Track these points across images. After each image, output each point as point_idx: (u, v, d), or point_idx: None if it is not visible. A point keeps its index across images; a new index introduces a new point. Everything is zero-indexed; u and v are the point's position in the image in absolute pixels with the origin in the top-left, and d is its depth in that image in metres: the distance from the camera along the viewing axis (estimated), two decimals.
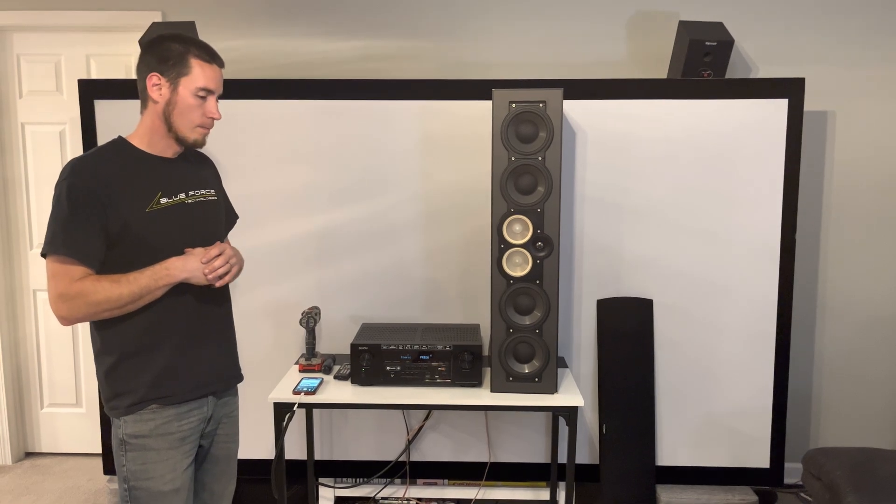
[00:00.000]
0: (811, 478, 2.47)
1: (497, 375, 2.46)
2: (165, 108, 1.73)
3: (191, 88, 1.73)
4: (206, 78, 1.75)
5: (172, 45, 1.73)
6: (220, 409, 1.92)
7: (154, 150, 1.78)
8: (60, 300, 1.63)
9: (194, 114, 1.75)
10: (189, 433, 1.80)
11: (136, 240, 1.70)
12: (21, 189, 3.48)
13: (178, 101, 1.73)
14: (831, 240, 3.23)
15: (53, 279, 1.64)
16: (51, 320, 3.52)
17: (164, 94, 1.73)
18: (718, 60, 2.86)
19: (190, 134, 1.77)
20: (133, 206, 1.70)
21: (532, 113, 2.35)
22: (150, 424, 1.74)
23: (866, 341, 3.26)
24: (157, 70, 1.72)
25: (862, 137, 3.17)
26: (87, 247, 1.64)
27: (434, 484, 3.04)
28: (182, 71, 1.72)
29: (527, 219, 2.40)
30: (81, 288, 1.62)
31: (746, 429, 2.94)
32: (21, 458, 3.61)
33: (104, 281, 1.65)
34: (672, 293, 2.91)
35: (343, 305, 2.95)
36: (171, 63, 1.71)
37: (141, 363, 1.74)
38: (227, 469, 1.98)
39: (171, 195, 1.77)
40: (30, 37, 3.39)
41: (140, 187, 1.73)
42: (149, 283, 1.68)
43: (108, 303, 1.64)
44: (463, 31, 3.21)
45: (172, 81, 1.72)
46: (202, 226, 1.85)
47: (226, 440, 1.95)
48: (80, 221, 1.63)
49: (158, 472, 1.75)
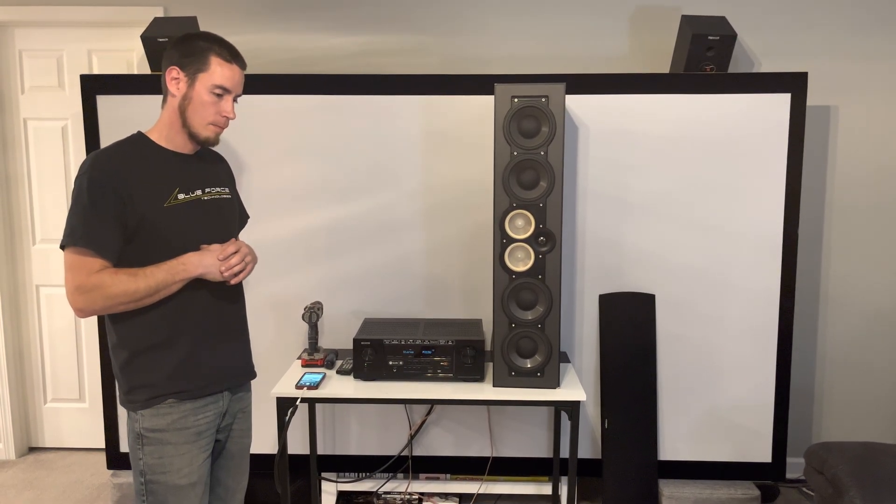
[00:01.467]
0: (813, 472, 2.47)
1: (499, 370, 2.46)
2: (181, 103, 1.76)
3: (207, 85, 1.75)
4: (224, 76, 1.76)
5: (197, 42, 1.76)
6: (235, 404, 1.93)
7: (172, 145, 1.80)
8: (78, 292, 1.65)
9: (208, 111, 1.77)
10: (206, 427, 1.82)
11: (152, 234, 1.71)
12: (23, 185, 3.48)
13: (194, 96, 1.75)
14: (834, 234, 3.22)
15: (71, 271, 1.65)
16: (54, 315, 3.53)
17: (181, 89, 1.75)
18: (721, 55, 2.85)
19: (202, 131, 1.79)
20: (151, 201, 1.71)
21: (534, 108, 2.35)
22: (168, 419, 1.75)
23: (869, 336, 3.26)
24: (178, 64, 1.75)
25: (864, 132, 3.17)
26: (106, 240, 1.65)
27: (436, 478, 3.04)
28: (201, 67, 1.74)
29: (529, 214, 2.40)
30: (99, 280, 1.64)
31: (749, 423, 2.94)
32: (25, 453, 3.62)
33: (121, 274, 1.66)
34: (674, 288, 2.91)
35: (345, 300, 2.96)
36: (191, 58, 1.74)
37: (158, 357, 1.76)
38: (241, 464, 2.00)
39: (188, 191, 1.79)
40: (32, 32, 3.39)
41: (158, 182, 1.74)
42: (165, 277, 1.69)
43: (124, 296, 1.65)
44: (465, 26, 3.20)
45: (190, 76, 1.75)
46: (217, 223, 1.87)
47: (240, 435, 1.97)
48: (100, 214, 1.64)
49: (175, 466, 1.76)
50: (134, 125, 1.87)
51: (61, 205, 3.46)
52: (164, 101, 1.80)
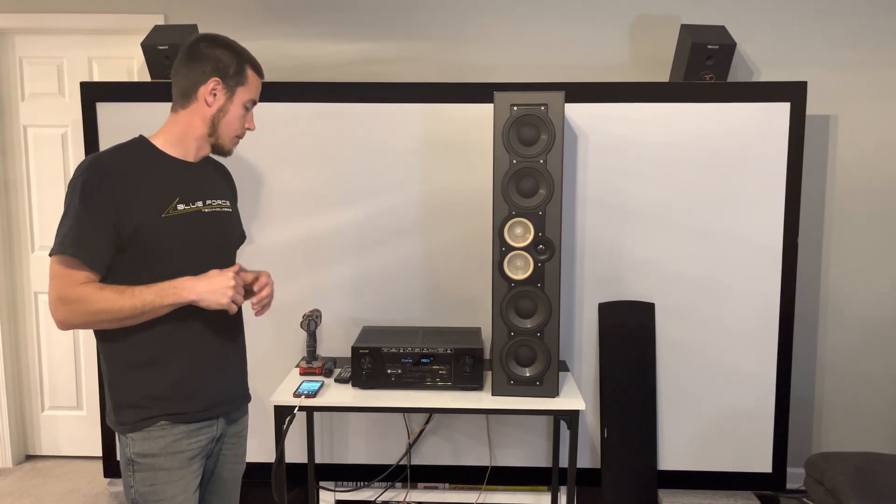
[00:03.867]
0: (814, 483, 2.46)
1: (498, 379, 2.45)
2: (216, 115, 1.72)
3: (244, 99, 1.75)
4: (257, 90, 1.77)
5: (236, 53, 1.73)
6: (230, 427, 1.85)
7: (176, 152, 1.73)
8: (59, 303, 1.57)
9: (239, 124, 1.77)
10: (198, 452, 1.73)
11: (146, 245, 1.63)
12: (23, 191, 3.48)
13: (231, 109, 1.73)
14: (833, 243, 3.22)
15: (55, 280, 1.57)
16: (52, 323, 3.49)
17: (219, 101, 1.72)
18: (720, 64, 2.86)
19: (229, 143, 1.78)
20: (148, 210, 1.63)
21: (534, 116, 2.35)
22: (160, 442, 1.67)
23: (869, 345, 3.25)
24: (219, 76, 1.70)
25: (864, 141, 3.17)
26: (96, 249, 1.58)
27: (435, 488, 3.03)
28: (241, 80, 1.73)
29: (528, 222, 2.40)
30: (82, 293, 1.56)
31: (749, 433, 2.93)
32: (21, 461, 3.60)
33: (107, 290, 1.57)
34: (674, 296, 2.90)
35: (344, 308, 2.95)
36: (231, 71, 1.71)
37: (149, 376, 1.67)
38: (233, 491, 1.92)
39: (188, 202, 1.71)
40: (32, 39, 3.40)
41: (158, 190, 1.66)
42: (153, 299, 1.59)
43: (107, 313, 1.57)
44: (465, 34, 3.21)
45: (231, 89, 1.72)
46: (215, 237, 1.78)
47: (234, 461, 1.88)
48: (92, 221, 1.57)
49: (169, 494, 1.67)
50: (134, 132, 1.82)
51: (60, 212, 3.44)
52: (179, 107, 1.73)
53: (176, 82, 1.73)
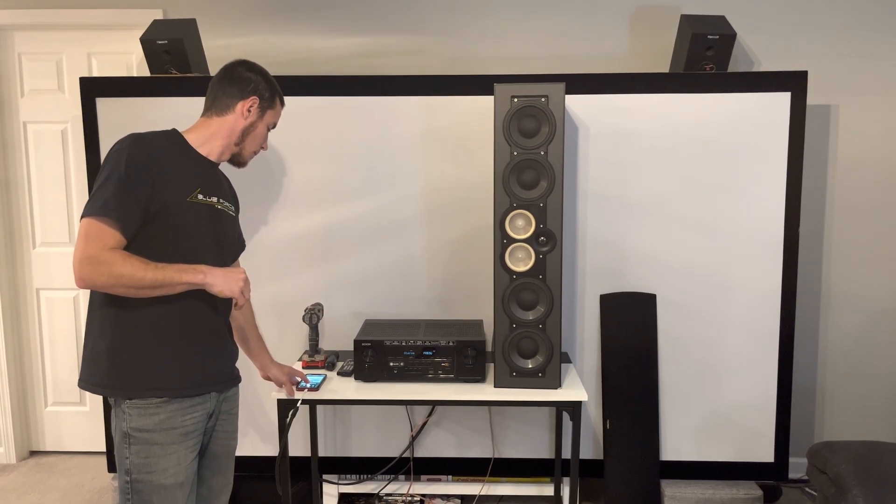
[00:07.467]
0: (816, 472, 2.46)
1: (500, 371, 2.46)
2: (247, 128, 1.96)
3: (269, 122, 2.03)
4: (279, 116, 2.07)
5: (273, 83, 2.01)
6: (223, 404, 1.95)
7: (203, 150, 1.91)
8: (88, 262, 1.65)
9: (261, 140, 2.03)
10: (193, 428, 1.83)
11: (168, 224, 1.76)
12: (23, 188, 3.48)
13: (259, 126, 1.99)
14: (835, 234, 3.22)
15: (87, 239, 1.66)
16: (54, 319, 3.52)
17: (252, 117, 1.96)
18: (721, 54, 2.85)
19: (249, 155, 2.02)
20: (176, 192, 1.78)
21: (534, 107, 2.35)
22: (155, 419, 1.76)
23: (870, 335, 3.25)
24: (259, 96, 1.96)
25: (865, 131, 3.16)
26: (131, 216, 1.69)
27: (438, 480, 3.04)
28: (271, 105, 2.01)
29: (529, 214, 2.40)
30: (112, 257, 1.65)
31: (751, 423, 2.93)
32: (25, 457, 3.61)
33: (134, 259, 1.68)
34: (675, 288, 2.90)
35: (346, 302, 2.95)
36: (266, 95, 1.99)
37: (150, 348, 1.77)
38: (226, 465, 2.02)
39: (207, 194, 1.87)
40: (31, 35, 3.39)
41: (185, 177, 1.82)
42: (174, 275, 1.71)
43: (130, 279, 1.66)
44: (464, 27, 3.20)
45: (263, 110, 1.99)
46: (218, 232, 1.92)
47: (225, 437, 1.98)
48: (132, 190, 1.69)
49: (162, 466, 1.77)
50: (134, 127, 1.88)
51: (61, 208, 3.46)
52: (213, 113, 1.94)
53: (213, 93, 1.96)
